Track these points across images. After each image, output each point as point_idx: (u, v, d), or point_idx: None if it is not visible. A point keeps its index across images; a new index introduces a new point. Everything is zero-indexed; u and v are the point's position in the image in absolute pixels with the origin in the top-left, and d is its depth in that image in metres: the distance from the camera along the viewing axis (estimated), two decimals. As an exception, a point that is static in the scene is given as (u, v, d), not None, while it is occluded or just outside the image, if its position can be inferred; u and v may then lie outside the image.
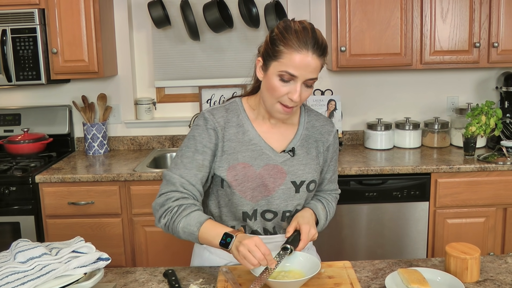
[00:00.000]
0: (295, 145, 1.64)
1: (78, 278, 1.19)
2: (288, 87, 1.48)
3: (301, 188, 1.62)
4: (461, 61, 3.04)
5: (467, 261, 1.48)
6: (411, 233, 2.88)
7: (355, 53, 3.02)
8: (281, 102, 1.50)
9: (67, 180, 2.76)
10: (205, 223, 1.47)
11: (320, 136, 1.69)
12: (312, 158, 1.65)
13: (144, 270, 1.58)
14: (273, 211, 1.61)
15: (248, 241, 1.36)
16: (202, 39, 3.34)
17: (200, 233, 1.45)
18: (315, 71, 1.47)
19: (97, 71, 3.02)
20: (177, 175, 1.54)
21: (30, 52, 2.97)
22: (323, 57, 1.48)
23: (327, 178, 1.75)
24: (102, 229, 2.81)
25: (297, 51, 1.44)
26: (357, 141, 3.46)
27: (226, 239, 1.41)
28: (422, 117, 3.44)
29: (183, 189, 1.52)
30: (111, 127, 3.44)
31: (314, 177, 1.64)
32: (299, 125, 1.68)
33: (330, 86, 3.37)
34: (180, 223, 1.47)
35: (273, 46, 1.48)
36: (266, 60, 1.51)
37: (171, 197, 1.51)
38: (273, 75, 1.48)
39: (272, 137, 1.62)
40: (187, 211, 1.48)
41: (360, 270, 1.57)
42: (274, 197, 1.59)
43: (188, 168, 1.54)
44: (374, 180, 2.82)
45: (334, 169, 1.76)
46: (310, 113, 1.72)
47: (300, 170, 1.61)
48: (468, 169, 2.80)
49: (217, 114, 1.60)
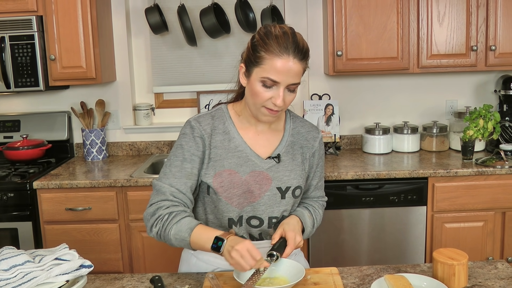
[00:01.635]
0: (280, 151, 1.64)
1: (60, 285, 1.20)
2: (271, 92, 1.48)
3: (287, 194, 1.62)
4: (459, 64, 3.03)
5: (454, 267, 1.48)
6: (409, 237, 2.86)
7: (352, 58, 3.02)
8: (265, 106, 1.51)
9: (65, 186, 2.77)
10: (195, 228, 1.47)
11: (306, 142, 1.69)
12: (298, 164, 1.66)
13: (132, 277, 1.59)
14: (259, 218, 1.61)
15: (240, 246, 1.36)
16: (199, 45, 3.35)
17: (191, 238, 1.46)
18: (296, 76, 1.48)
19: (94, 77, 3.04)
20: (167, 185, 1.54)
21: (29, 59, 2.99)
22: (304, 61, 1.49)
23: (313, 184, 1.75)
24: (99, 234, 2.82)
25: (278, 57, 1.45)
26: (355, 146, 3.45)
27: (217, 242, 1.41)
28: (421, 121, 3.43)
29: (173, 197, 1.53)
30: (110, 133, 3.46)
31: (300, 183, 1.64)
32: (284, 131, 1.68)
33: (328, 90, 3.37)
34: (172, 230, 1.48)
35: (255, 52, 1.49)
36: (249, 66, 1.52)
37: (162, 206, 1.52)
38: (256, 81, 1.49)
39: (257, 144, 1.63)
40: (178, 218, 1.49)
41: (347, 277, 1.56)
42: (260, 203, 1.59)
43: (178, 177, 1.55)
44: (371, 185, 2.81)
45: (320, 175, 1.76)
46: (295, 120, 1.72)
47: (286, 176, 1.62)
48: (465, 173, 2.78)
49: (203, 122, 1.60)
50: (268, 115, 1.53)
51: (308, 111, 3.20)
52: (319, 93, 3.34)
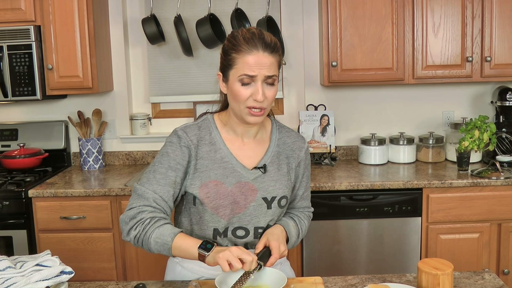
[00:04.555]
0: (266, 161, 1.65)
1: (39, 291, 1.20)
2: (250, 89, 1.50)
3: (273, 204, 1.62)
4: (454, 75, 3.03)
5: (438, 277, 1.47)
6: (404, 249, 2.85)
7: (347, 68, 3.03)
8: (248, 106, 1.52)
9: (60, 194, 2.78)
10: (179, 234, 1.48)
11: (292, 153, 1.70)
12: (283, 174, 1.66)
13: (117, 284, 1.59)
14: (245, 228, 1.61)
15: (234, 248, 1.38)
16: (196, 55, 3.37)
17: (174, 243, 1.46)
18: (271, 68, 1.50)
19: (91, 87, 3.06)
20: (151, 191, 1.54)
21: (26, 68, 3.02)
22: (275, 53, 1.52)
23: (299, 194, 1.75)
24: (94, 243, 2.83)
25: (248, 53, 1.49)
26: (351, 157, 3.45)
27: (206, 245, 1.42)
28: (417, 132, 3.42)
29: (156, 204, 1.53)
30: (106, 142, 3.47)
31: (285, 193, 1.65)
32: (270, 141, 1.69)
33: (323, 101, 3.37)
34: (153, 234, 1.47)
35: (226, 56, 1.53)
36: (224, 72, 1.55)
37: (144, 210, 1.51)
38: (234, 82, 1.51)
39: (243, 155, 1.63)
40: (160, 223, 1.50)
41: (331, 286, 1.56)
42: (246, 213, 1.60)
43: (162, 185, 1.55)
44: (365, 195, 2.81)
45: (307, 185, 1.76)
46: (281, 130, 1.73)
47: (271, 186, 1.62)
48: (460, 184, 2.77)
49: (190, 132, 1.61)
50: (253, 115, 1.53)
51: (304, 121, 3.21)
52: (315, 103, 3.35)
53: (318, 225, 2.82)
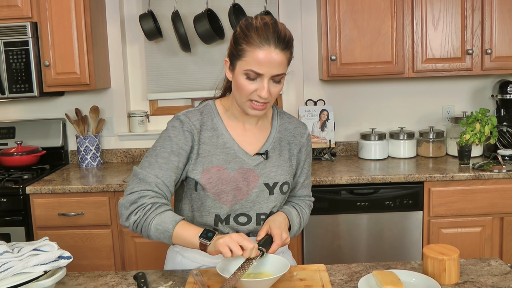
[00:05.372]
0: (268, 148, 1.62)
1: (37, 275, 1.17)
2: (255, 84, 1.46)
3: (275, 189, 1.60)
4: (454, 68, 3.01)
5: (444, 262, 1.44)
6: (406, 243, 2.82)
7: (346, 62, 3.01)
8: (251, 99, 1.49)
9: (57, 191, 2.75)
10: (180, 222, 1.45)
11: (293, 139, 1.68)
12: (285, 160, 1.64)
13: (116, 274, 1.56)
14: (247, 214, 1.58)
15: (235, 234, 1.36)
16: (194, 51, 3.35)
17: (175, 231, 1.42)
18: (280, 67, 1.46)
19: (88, 83, 3.03)
20: (153, 175, 1.50)
21: (23, 65, 2.99)
22: (287, 50, 1.47)
23: (300, 182, 1.72)
24: (92, 240, 2.79)
25: (259, 48, 1.43)
26: (351, 152, 3.43)
27: (207, 233, 1.39)
28: (417, 127, 3.40)
29: (158, 189, 1.50)
30: (104, 140, 3.44)
31: (287, 179, 1.62)
32: (271, 128, 1.66)
33: (323, 96, 3.35)
34: (154, 220, 1.44)
35: (237, 45, 1.48)
36: (232, 60, 1.50)
37: (146, 195, 1.47)
38: (240, 74, 1.47)
39: (245, 141, 1.61)
40: (162, 209, 1.46)
41: (335, 274, 1.53)
42: (248, 200, 1.57)
43: (164, 169, 1.52)
44: (366, 190, 2.78)
45: (308, 173, 1.74)
46: (282, 116, 1.71)
47: (273, 172, 1.60)
48: (462, 177, 2.75)
49: (193, 117, 1.58)
50: (255, 109, 1.51)
51: (303, 116, 3.18)
52: (314, 98, 3.33)
53: (318, 220, 2.79)
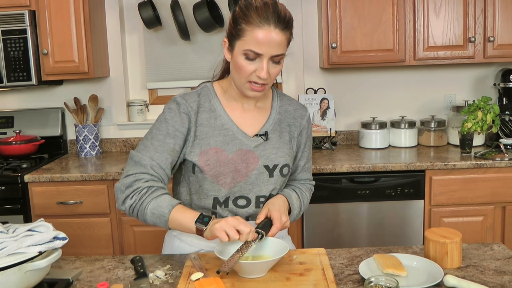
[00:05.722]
0: (267, 129, 1.60)
1: (32, 256, 1.15)
2: (254, 65, 1.44)
3: (275, 172, 1.58)
4: (456, 56, 2.98)
5: (446, 245, 1.42)
6: (407, 232, 2.80)
7: (347, 50, 2.98)
8: (250, 80, 1.47)
9: (56, 179, 2.73)
10: (177, 206, 1.42)
11: (293, 121, 1.65)
12: (285, 142, 1.61)
13: (113, 258, 1.54)
14: (246, 197, 1.56)
15: (232, 218, 1.34)
16: (193, 40, 3.32)
17: (171, 215, 1.40)
18: (280, 47, 1.43)
19: (87, 72, 3.01)
20: (148, 157, 1.48)
21: (21, 53, 2.97)
22: (287, 30, 1.44)
23: (301, 165, 1.70)
24: (91, 229, 2.77)
25: (258, 27, 1.41)
26: (351, 141, 3.40)
27: (203, 218, 1.37)
28: (419, 116, 3.37)
29: (154, 171, 1.48)
30: (103, 129, 3.42)
31: (287, 161, 1.60)
32: (271, 109, 1.64)
33: (323, 84, 3.33)
34: (150, 205, 1.42)
35: (236, 25, 1.45)
36: (231, 40, 1.48)
37: (141, 179, 1.45)
38: (239, 55, 1.45)
39: (244, 122, 1.58)
40: (158, 193, 1.44)
41: (335, 258, 1.51)
42: (247, 182, 1.55)
43: (159, 152, 1.50)
44: (367, 178, 2.76)
45: (308, 156, 1.71)
46: (282, 98, 1.68)
47: (273, 154, 1.57)
48: (464, 165, 2.72)
49: (190, 99, 1.56)
50: (254, 90, 1.48)
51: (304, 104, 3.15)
52: (314, 87, 3.30)
53: (318, 208, 2.77)
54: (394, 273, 1.33)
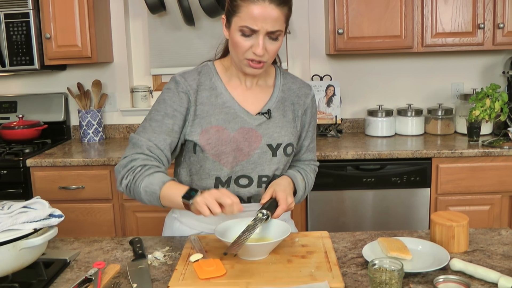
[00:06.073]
0: (270, 107, 1.56)
1: (27, 233, 1.12)
2: (250, 41, 1.41)
3: (278, 151, 1.54)
4: (465, 43, 2.93)
5: (453, 228, 1.38)
6: (412, 220, 2.76)
7: (353, 36, 2.93)
8: (247, 57, 1.43)
9: (58, 164, 2.71)
10: (168, 182, 1.39)
11: (297, 99, 1.61)
12: (289, 121, 1.58)
13: (112, 239, 1.52)
14: (248, 176, 1.53)
15: (214, 190, 1.29)
16: (198, 26, 3.28)
17: (162, 192, 1.37)
18: (276, 23, 1.39)
19: (90, 56, 2.98)
20: (145, 139, 1.47)
21: (23, 37, 2.94)
22: (284, 6, 1.41)
23: (305, 145, 1.66)
24: (93, 214, 2.76)
25: (253, 3, 1.38)
26: (357, 129, 3.36)
27: (190, 192, 1.33)
28: (426, 104, 3.32)
29: (150, 152, 1.46)
30: (107, 115, 3.39)
31: (291, 140, 1.56)
32: (274, 87, 1.60)
33: (329, 71, 3.28)
34: (142, 182, 1.39)
35: (232, 1, 1.43)
36: (228, 17, 1.46)
37: (136, 158, 1.44)
38: (235, 31, 1.42)
39: (246, 100, 1.55)
40: (151, 171, 1.41)
41: (338, 241, 1.47)
42: (250, 161, 1.52)
43: (157, 132, 1.47)
44: (372, 165, 2.72)
45: (313, 136, 1.68)
46: (286, 76, 1.64)
47: (276, 133, 1.54)
48: (471, 153, 2.68)
49: (189, 77, 1.53)
50: (252, 67, 1.45)
51: (309, 92, 3.11)
52: (320, 74, 3.25)
53: (323, 196, 2.74)
54: (399, 256, 1.30)
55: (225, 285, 1.15)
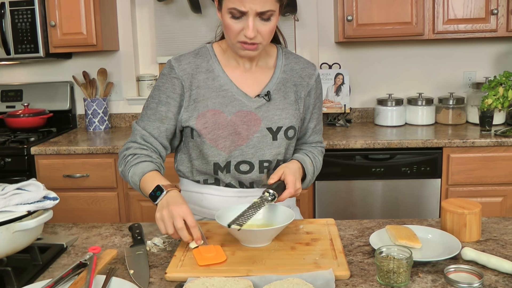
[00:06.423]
0: (270, 89, 1.50)
1: (20, 215, 1.09)
2: (241, 23, 1.36)
3: (279, 135, 1.49)
4: (477, 30, 2.85)
5: (465, 216, 1.32)
6: (422, 212, 2.70)
7: (363, 23, 2.87)
8: (239, 40, 1.38)
9: (62, 152, 2.68)
10: (147, 174, 1.38)
11: (300, 80, 1.55)
12: (290, 103, 1.52)
13: (111, 225, 1.48)
14: (248, 162, 1.48)
15: (175, 207, 1.23)
16: (205, 13, 3.23)
17: (141, 183, 1.39)
18: (265, 3, 1.32)
19: (95, 44, 2.94)
20: (140, 127, 1.50)
21: (28, 25, 2.91)
22: None
23: (311, 128, 1.61)
24: (98, 203, 2.73)
25: None
26: (367, 119, 3.29)
27: (156, 191, 1.32)
28: (437, 93, 3.25)
29: (143, 141, 1.48)
30: (113, 104, 3.36)
31: (293, 123, 1.51)
32: (275, 68, 1.54)
33: (338, 59, 3.21)
34: (129, 172, 1.42)
35: None
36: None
37: (129, 147, 1.47)
38: (225, 14, 1.36)
39: (245, 82, 1.49)
40: (137, 160, 1.43)
41: (345, 229, 1.42)
42: (249, 146, 1.47)
43: (151, 120, 1.48)
44: (381, 155, 2.66)
45: (319, 118, 1.62)
46: (288, 56, 1.58)
47: (276, 115, 1.48)
48: (483, 143, 2.61)
49: (184, 61, 1.48)
50: (246, 49, 1.39)
51: (317, 80, 3.05)
52: (329, 62, 3.19)
53: (331, 186, 2.68)
54: (408, 244, 1.24)
55: (225, 272, 1.11)
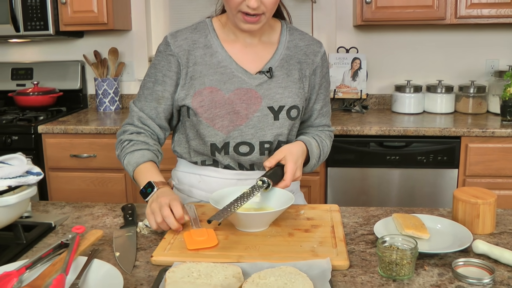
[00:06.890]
0: (272, 65, 1.41)
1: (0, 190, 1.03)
2: None
3: (281, 114, 1.40)
4: (502, 15, 2.71)
5: (478, 206, 1.23)
6: (438, 203, 2.60)
7: (382, 5, 2.75)
8: (241, 10, 1.30)
9: (70, 131, 2.64)
10: (142, 165, 1.35)
11: (305, 57, 1.46)
12: (294, 81, 1.42)
13: (105, 205, 1.43)
14: (248, 143, 1.40)
15: (163, 198, 1.19)
16: (219, -8, 3.15)
17: (134, 174, 1.36)
18: None
19: (106, 23, 2.88)
20: (137, 108, 1.45)
21: (38, 2, 2.86)
22: None
23: (317, 109, 1.51)
24: (105, 184, 2.68)
25: None
26: (384, 106, 3.19)
27: (147, 188, 1.28)
28: (457, 81, 3.12)
29: (140, 123, 1.43)
30: (124, 85, 3.31)
31: (296, 103, 1.42)
32: (278, 44, 1.45)
33: (355, 44, 3.11)
34: (124, 160, 1.39)
35: None
36: None
37: (126, 130, 1.44)
38: None
39: (245, 58, 1.41)
40: (132, 148, 1.39)
41: (349, 216, 1.34)
42: (248, 125, 1.38)
43: (148, 100, 1.43)
44: (397, 142, 2.56)
45: (325, 99, 1.53)
46: (293, 32, 1.48)
47: (278, 94, 1.39)
48: (504, 133, 2.49)
49: (180, 37, 1.40)
50: (246, 22, 1.31)
51: (333, 64, 2.96)
52: (346, 46, 3.08)
53: (344, 173, 2.60)
54: (414, 234, 1.16)
55: (214, 257, 1.04)
